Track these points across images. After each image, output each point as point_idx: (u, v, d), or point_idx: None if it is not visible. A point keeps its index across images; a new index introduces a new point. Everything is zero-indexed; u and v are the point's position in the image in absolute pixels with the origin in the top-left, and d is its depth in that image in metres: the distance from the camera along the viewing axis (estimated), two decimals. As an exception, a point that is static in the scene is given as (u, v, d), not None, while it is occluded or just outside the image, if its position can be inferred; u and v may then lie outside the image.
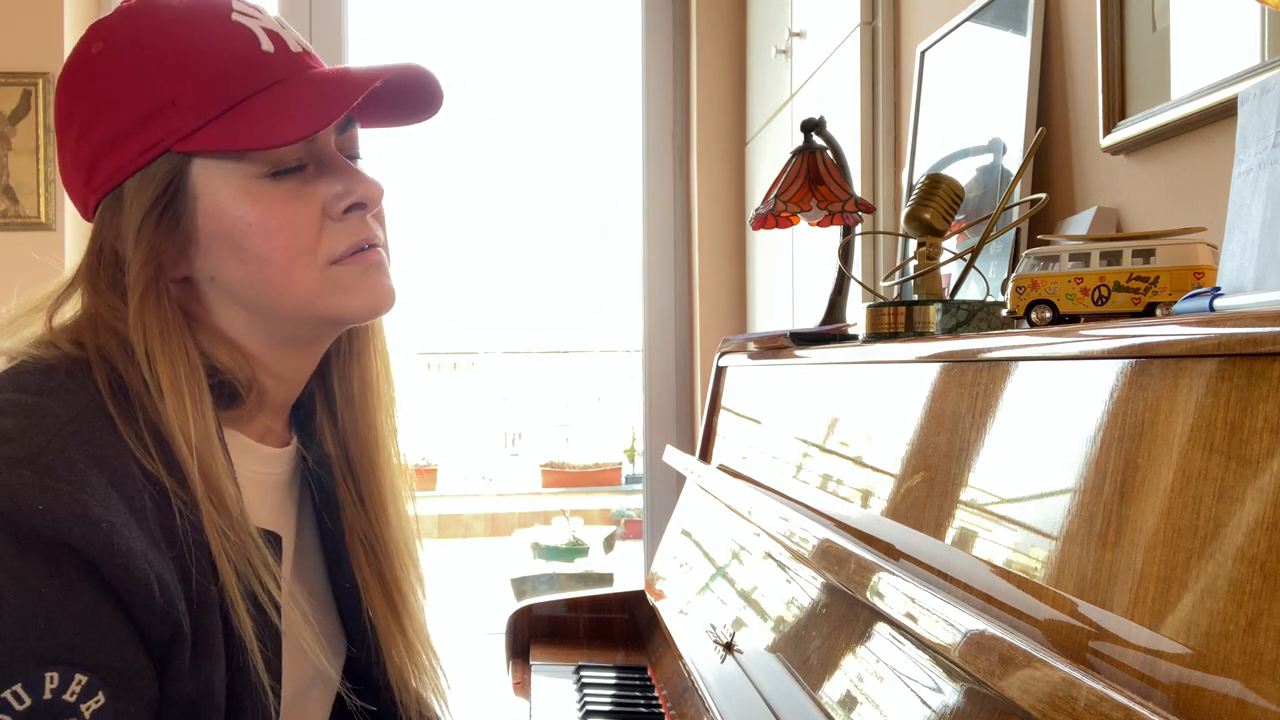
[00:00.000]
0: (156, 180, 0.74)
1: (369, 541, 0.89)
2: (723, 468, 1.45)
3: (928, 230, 1.02)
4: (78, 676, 0.62)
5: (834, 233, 1.55)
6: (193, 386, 0.74)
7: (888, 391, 0.90)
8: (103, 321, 0.75)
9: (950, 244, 1.34)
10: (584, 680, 1.35)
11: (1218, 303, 0.60)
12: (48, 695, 0.61)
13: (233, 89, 0.74)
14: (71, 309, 0.78)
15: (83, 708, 0.62)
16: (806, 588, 0.94)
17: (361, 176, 0.80)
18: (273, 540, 0.78)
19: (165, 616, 0.66)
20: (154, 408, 0.72)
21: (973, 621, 0.58)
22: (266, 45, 0.76)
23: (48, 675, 0.61)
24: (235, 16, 0.76)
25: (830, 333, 1.27)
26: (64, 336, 0.75)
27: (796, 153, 1.29)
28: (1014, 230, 1.26)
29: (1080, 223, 1.18)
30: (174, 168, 0.74)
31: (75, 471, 0.64)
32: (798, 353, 1.21)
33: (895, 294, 1.45)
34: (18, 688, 0.60)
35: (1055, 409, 0.62)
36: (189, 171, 0.75)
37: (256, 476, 0.82)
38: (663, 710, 1.25)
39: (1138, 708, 0.44)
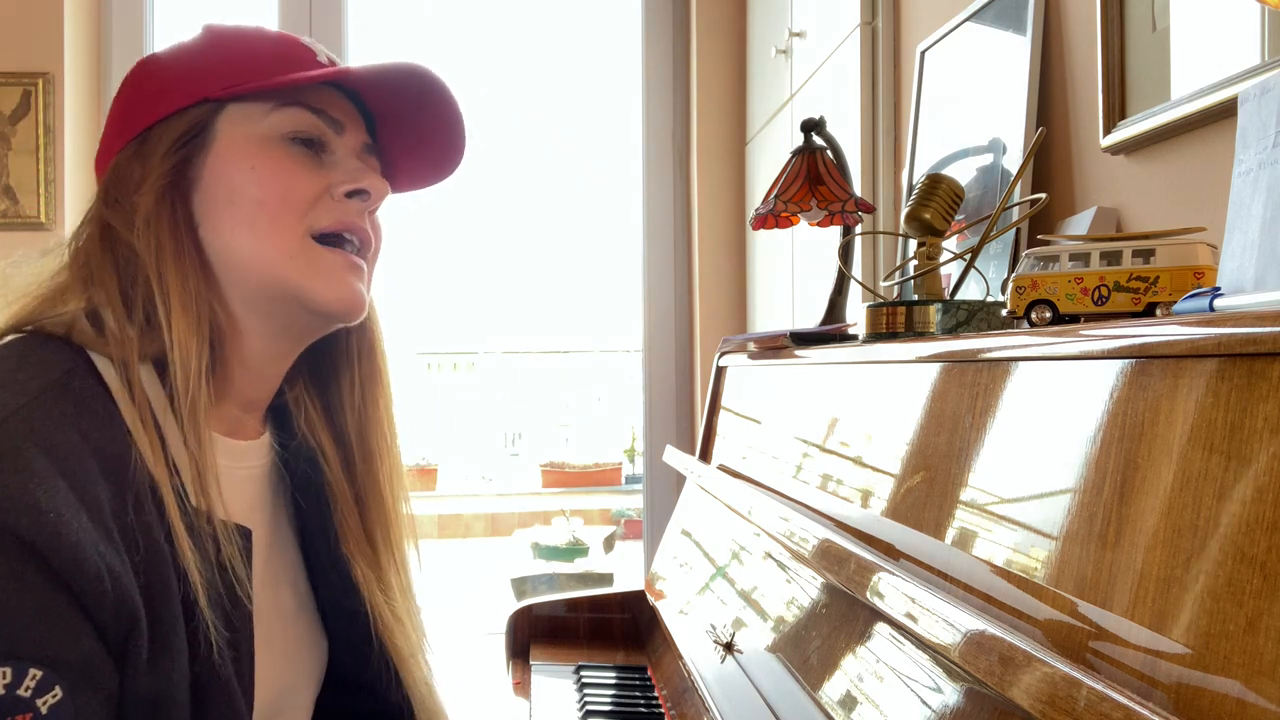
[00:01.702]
0: (186, 120, 0.79)
1: (369, 541, 0.88)
2: (723, 468, 1.45)
3: (928, 230, 1.02)
4: (32, 671, 0.60)
5: (834, 233, 1.55)
6: (201, 305, 0.76)
7: (888, 391, 0.90)
8: (113, 235, 0.77)
9: (950, 244, 1.34)
10: (584, 680, 1.35)
11: (1218, 303, 0.60)
12: (1, 691, 0.59)
13: (283, 66, 0.80)
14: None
15: (39, 702, 0.60)
16: (806, 588, 0.94)
17: (371, 174, 0.82)
18: (243, 535, 0.77)
19: (119, 609, 0.65)
20: (149, 344, 0.73)
21: (973, 621, 0.58)
22: (322, 59, 0.83)
23: (0, 670, 0.60)
24: (303, 39, 0.84)
25: (830, 333, 1.27)
26: (67, 279, 0.76)
27: (796, 153, 1.29)
28: (1014, 230, 1.26)
29: (1080, 223, 1.18)
30: (206, 113, 0.79)
31: (21, 460, 0.63)
32: (798, 353, 1.21)
33: (895, 294, 1.45)
34: None
35: (1055, 409, 0.62)
36: (217, 118, 0.79)
37: (225, 470, 0.79)
38: (663, 710, 1.25)
39: (1138, 708, 0.44)
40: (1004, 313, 0.84)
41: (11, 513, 0.61)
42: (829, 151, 1.30)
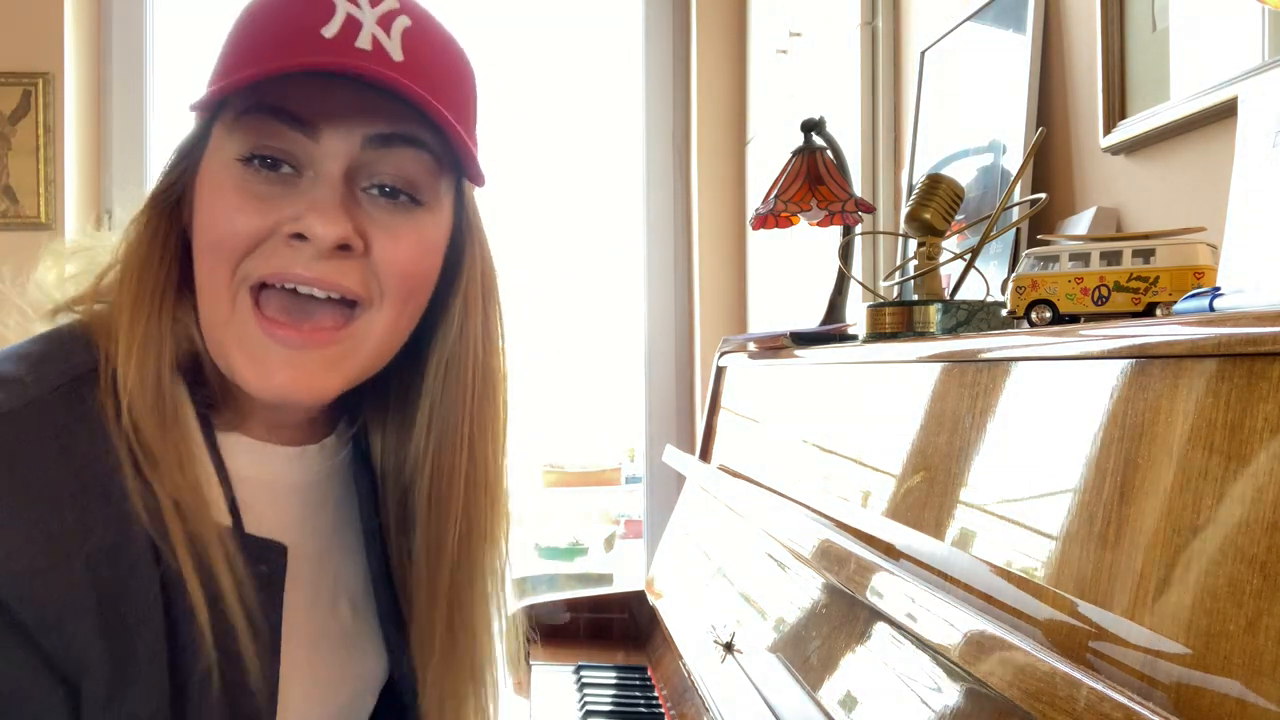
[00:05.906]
0: (188, 136, 0.69)
1: (429, 591, 0.77)
2: (723, 468, 1.45)
3: (928, 230, 1.02)
4: None
5: (834, 233, 1.55)
6: (153, 333, 0.65)
7: (888, 392, 0.90)
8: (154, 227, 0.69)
9: (950, 244, 1.34)
10: (584, 680, 1.35)
11: (1218, 303, 0.60)
12: None
13: (260, 60, 0.63)
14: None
15: None
16: (806, 588, 0.94)
17: (324, 207, 0.64)
18: (271, 551, 0.69)
19: (71, 643, 0.59)
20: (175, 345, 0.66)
21: (973, 621, 0.58)
22: (330, 29, 0.63)
23: None
24: None
25: (830, 333, 1.27)
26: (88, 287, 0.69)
27: (796, 153, 1.29)
28: (1014, 230, 1.26)
29: (1080, 223, 1.18)
30: (199, 130, 0.68)
31: None
32: (798, 353, 1.21)
33: (895, 294, 1.45)
34: None
35: (1055, 409, 0.62)
36: (208, 137, 0.67)
37: (261, 479, 0.72)
38: (663, 710, 1.25)
39: (1138, 707, 0.44)
40: (1004, 313, 0.84)
41: None
42: (829, 151, 1.30)
